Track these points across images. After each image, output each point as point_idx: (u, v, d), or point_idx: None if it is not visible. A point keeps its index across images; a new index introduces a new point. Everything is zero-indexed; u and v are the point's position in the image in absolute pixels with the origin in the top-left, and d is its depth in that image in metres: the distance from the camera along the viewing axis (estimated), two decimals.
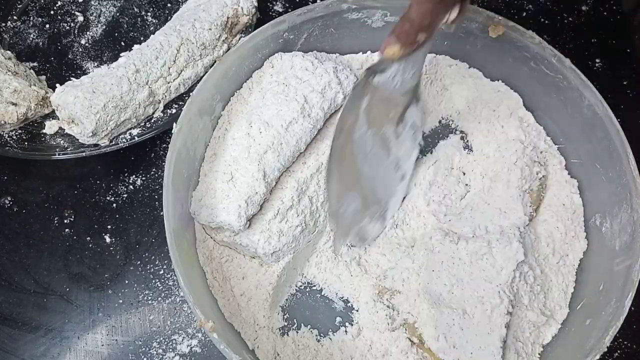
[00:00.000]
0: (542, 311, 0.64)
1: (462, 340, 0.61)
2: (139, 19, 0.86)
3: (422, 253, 0.67)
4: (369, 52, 0.78)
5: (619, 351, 0.68)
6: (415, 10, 0.53)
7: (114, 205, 0.74)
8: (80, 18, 0.85)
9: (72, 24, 0.85)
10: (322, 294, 0.68)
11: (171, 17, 0.80)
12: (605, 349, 0.57)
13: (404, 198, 0.72)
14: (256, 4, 0.79)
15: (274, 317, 0.66)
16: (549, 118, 0.74)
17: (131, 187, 0.75)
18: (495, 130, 0.75)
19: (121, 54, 0.74)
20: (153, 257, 0.71)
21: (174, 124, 0.64)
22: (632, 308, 0.58)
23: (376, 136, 0.64)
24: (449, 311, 0.62)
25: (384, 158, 0.67)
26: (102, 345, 0.67)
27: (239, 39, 0.78)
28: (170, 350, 0.66)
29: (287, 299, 0.68)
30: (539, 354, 0.64)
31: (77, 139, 0.72)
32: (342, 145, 0.62)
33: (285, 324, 0.66)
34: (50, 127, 0.73)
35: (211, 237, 0.67)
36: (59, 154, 0.71)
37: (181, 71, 0.74)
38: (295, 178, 0.65)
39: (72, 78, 0.72)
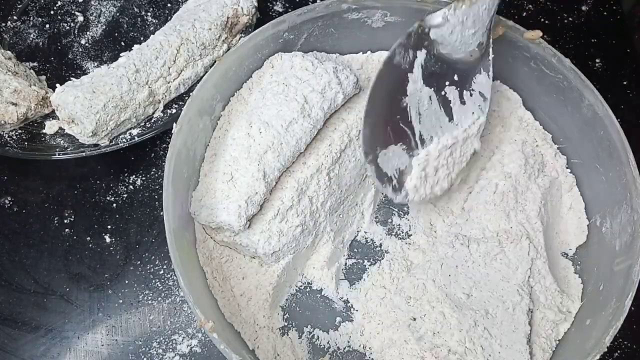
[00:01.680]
0: (560, 308, 0.64)
1: (488, 340, 0.61)
2: (139, 19, 0.86)
3: (435, 260, 0.66)
4: (369, 52, 0.78)
5: (619, 351, 0.68)
6: None
7: (114, 205, 0.74)
8: (80, 18, 0.85)
9: (72, 24, 0.85)
10: (322, 294, 0.68)
11: (171, 17, 0.80)
12: (605, 349, 0.57)
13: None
14: (256, 4, 0.79)
15: (274, 317, 0.66)
16: (549, 118, 0.74)
17: (131, 187, 0.75)
18: (495, 130, 0.75)
19: (121, 54, 0.74)
20: (153, 257, 0.71)
21: (174, 124, 0.64)
22: (632, 308, 0.58)
23: (436, 96, 0.60)
24: (471, 313, 0.62)
25: (445, 121, 0.62)
26: (102, 345, 0.67)
27: (239, 39, 0.78)
28: (170, 350, 0.66)
29: (287, 299, 0.68)
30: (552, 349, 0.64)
31: (77, 139, 0.72)
32: (387, 97, 0.57)
33: (285, 324, 0.66)
34: (50, 127, 0.74)
35: (211, 237, 0.67)
36: (59, 154, 0.71)
37: (181, 71, 0.74)
38: (295, 178, 0.65)
39: (72, 78, 0.72)
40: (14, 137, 0.73)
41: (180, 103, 0.76)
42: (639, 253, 0.60)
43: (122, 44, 0.84)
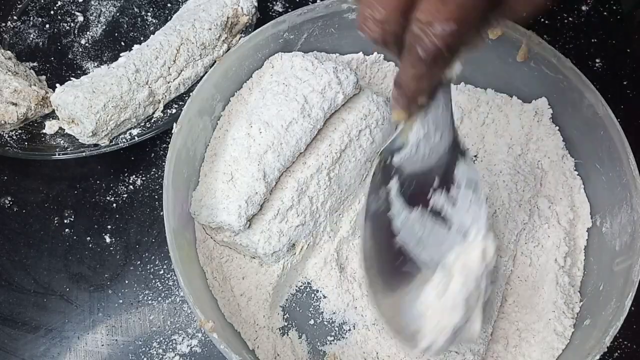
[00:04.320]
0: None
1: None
2: (139, 19, 0.86)
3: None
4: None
5: (619, 351, 0.68)
6: (402, 75, 0.43)
7: (114, 205, 0.74)
8: (80, 18, 0.85)
9: (72, 24, 0.85)
10: (323, 293, 0.68)
11: (171, 17, 0.80)
12: (605, 349, 0.57)
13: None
14: (256, 4, 0.79)
15: (274, 317, 0.66)
16: (549, 118, 0.74)
17: (131, 187, 0.75)
18: (495, 131, 0.75)
19: (121, 54, 0.74)
20: (153, 257, 0.71)
21: (174, 124, 0.64)
22: (632, 308, 0.58)
23: (425, 215, 0.52)
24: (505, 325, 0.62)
25: (445, 233, 0.53)
26: (102, 345, 0.67)
27: (239, 39, 0.78)
28: (170, 350, 0.66)
29: (287, 299, 0.68)
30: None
31: (77, 139, 0.72)
32: (378, 249, 0.52)
33: (285, 324, 0.66)
34: (50, 127, 0.74)
35: (211, 237, 0.67)
36: (59, 154, 0.71)
37: (181, 71, 0.74)
38: (295, 178, 0.65)
39: (72, 78, 0.72)
40: (14, 137, 0.73)
41: (180, 103, 0.76)
42: (639, 253, 0.60)
43: (122, 44, 0.84)
